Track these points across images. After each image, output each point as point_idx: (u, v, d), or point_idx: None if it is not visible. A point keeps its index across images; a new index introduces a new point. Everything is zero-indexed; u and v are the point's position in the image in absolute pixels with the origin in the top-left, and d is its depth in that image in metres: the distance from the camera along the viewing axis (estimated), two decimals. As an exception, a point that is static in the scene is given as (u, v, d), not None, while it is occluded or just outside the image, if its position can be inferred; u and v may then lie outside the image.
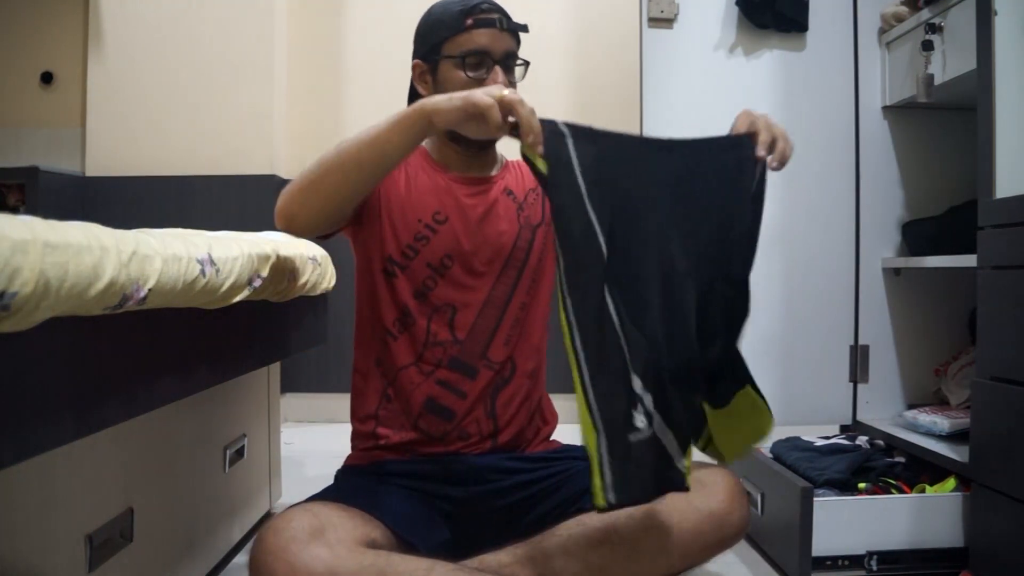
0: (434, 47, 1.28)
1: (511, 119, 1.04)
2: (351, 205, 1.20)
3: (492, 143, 1.34)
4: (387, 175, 1.19)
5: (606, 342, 1.00)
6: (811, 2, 1.96)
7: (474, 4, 1.26)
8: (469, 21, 1.25)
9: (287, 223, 1.18)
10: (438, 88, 1.28)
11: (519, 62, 1.30)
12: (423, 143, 1.37)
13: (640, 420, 0.99)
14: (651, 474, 1.00)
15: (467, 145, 1.31)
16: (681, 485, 1.04)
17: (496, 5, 1.29)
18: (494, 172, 1.37)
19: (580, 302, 1.00)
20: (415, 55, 1.33)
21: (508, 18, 1.28)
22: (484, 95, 1.04)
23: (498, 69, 1.25)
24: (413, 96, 1.36)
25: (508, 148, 1.51)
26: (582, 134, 1.07)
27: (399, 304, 1.28)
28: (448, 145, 1.34)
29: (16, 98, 3.10)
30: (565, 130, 1.06)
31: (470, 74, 1.25)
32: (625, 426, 0.98)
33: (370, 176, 1.15)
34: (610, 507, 0.97)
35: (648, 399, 1.00)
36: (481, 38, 1.25)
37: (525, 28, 1.29)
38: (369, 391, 1.31)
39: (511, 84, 1.29)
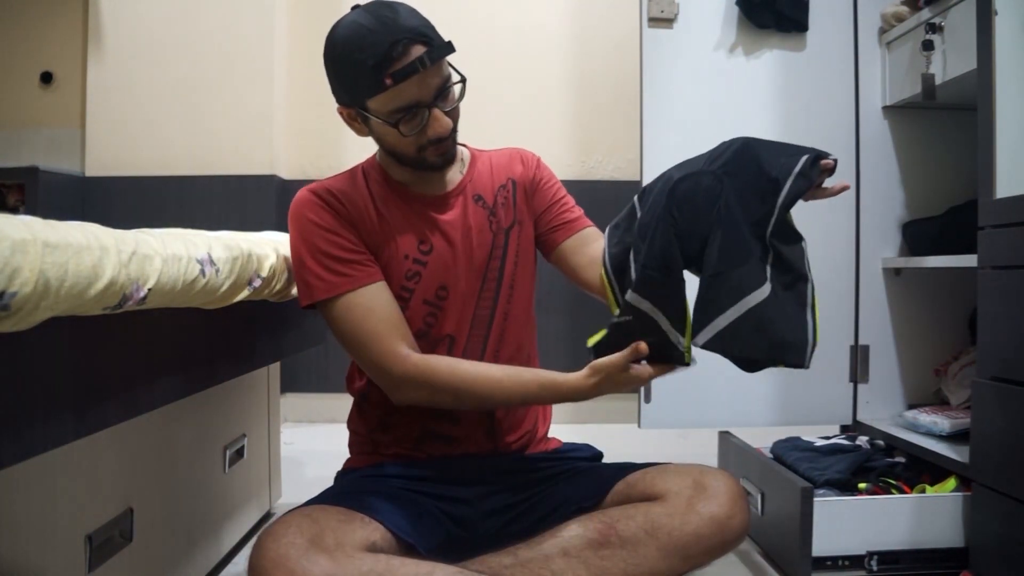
0: (356, 104, 1.15)
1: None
2: None
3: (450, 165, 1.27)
4: None
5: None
6: (811, 2, 1.96)
7: (386, 51, 1.07)
8: (388, 81, 1.08)
9: (400, 403, 1.21)
10: (375, 135, 1.20)
11: (454, 81, 1.16)
12: (377, 158, 1.30)
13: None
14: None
15: (425, 171, 1.24)
16: (680, 360, 1.14)
17: (409, 33, 1.09)
18: (459, 175, 1.31)
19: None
20: (336, 97, 1.19)
21: (430, 47, 1.10)
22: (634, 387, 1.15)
23: (436, 113, 1.14)
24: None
25: (496, 138, 1.50)
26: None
27: None
28: (403, 167, 1.25)
29: (16, 98, 3.10)
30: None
31: (405, 132, 1.14)
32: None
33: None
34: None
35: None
36: (408, 92, 1.10)
37: (450, 48, 1.12)
38: (366, 417, 1.31)
39: (449, 113, 1.16)
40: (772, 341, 1.09)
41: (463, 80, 1.18)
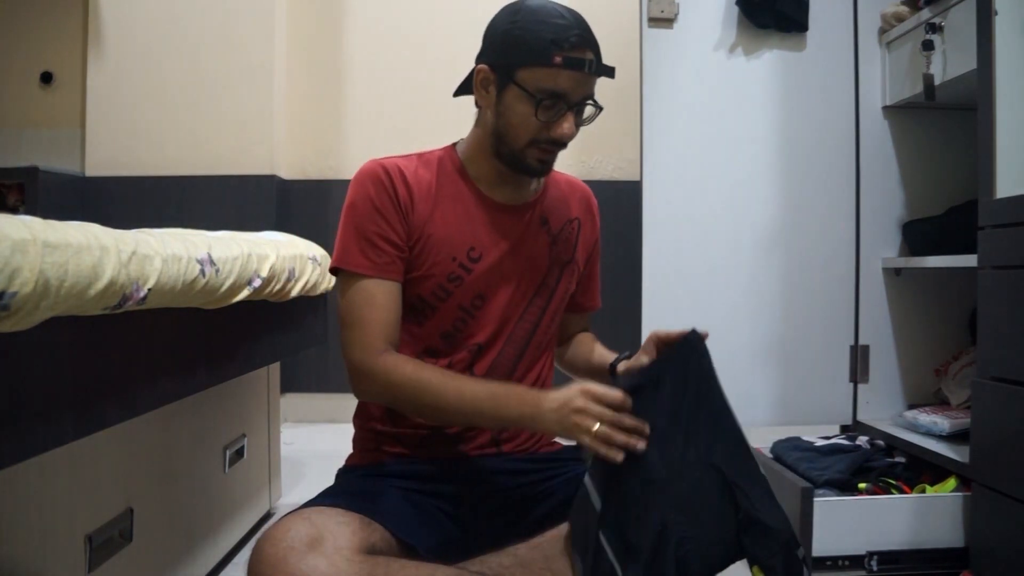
0: (508, 67, 1.15)
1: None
2: None
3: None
4: None
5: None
6: (811, 2, 1.96)
7: (566, 35, 1.12)
8: (558, 59, 1.11)
9: (360, 396, 1.21)
10: (500, 107, 1.18)
11: (594, 104, 1.19)
12: (457, 148, 1.29)
13: None
14: None
15: (517, 170, 1.22)
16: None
17: (589, 38, 1.14)
18: (533, 194, 1.30)
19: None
20: (483, 56, 1.19)
21: (598, 59, 1.15)
22: (588, 436, 1.00)
23: (570, 116, 1.15)
24: (464, 90, 1.27)
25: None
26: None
27: (424, 342, 1.24)
28: (489, 161, 1.24)
29: (16, 98, 3.11)
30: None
31: (541, 117, 1.14)
32: None
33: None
34: None
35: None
36: (564, 81, 1.12)
37: (612, 73, 1.17)
38: (372, 410, 1.31)
39: (578, 127, 1.18)
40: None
41: (600, 109, 1.20)
